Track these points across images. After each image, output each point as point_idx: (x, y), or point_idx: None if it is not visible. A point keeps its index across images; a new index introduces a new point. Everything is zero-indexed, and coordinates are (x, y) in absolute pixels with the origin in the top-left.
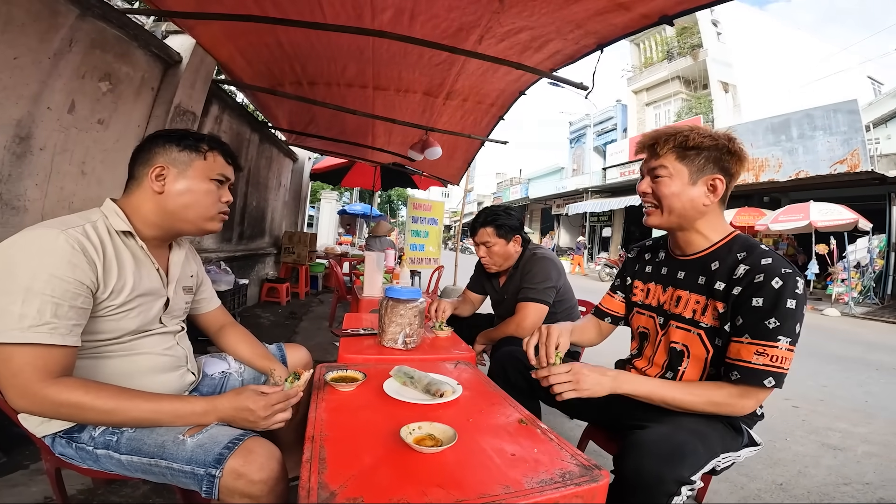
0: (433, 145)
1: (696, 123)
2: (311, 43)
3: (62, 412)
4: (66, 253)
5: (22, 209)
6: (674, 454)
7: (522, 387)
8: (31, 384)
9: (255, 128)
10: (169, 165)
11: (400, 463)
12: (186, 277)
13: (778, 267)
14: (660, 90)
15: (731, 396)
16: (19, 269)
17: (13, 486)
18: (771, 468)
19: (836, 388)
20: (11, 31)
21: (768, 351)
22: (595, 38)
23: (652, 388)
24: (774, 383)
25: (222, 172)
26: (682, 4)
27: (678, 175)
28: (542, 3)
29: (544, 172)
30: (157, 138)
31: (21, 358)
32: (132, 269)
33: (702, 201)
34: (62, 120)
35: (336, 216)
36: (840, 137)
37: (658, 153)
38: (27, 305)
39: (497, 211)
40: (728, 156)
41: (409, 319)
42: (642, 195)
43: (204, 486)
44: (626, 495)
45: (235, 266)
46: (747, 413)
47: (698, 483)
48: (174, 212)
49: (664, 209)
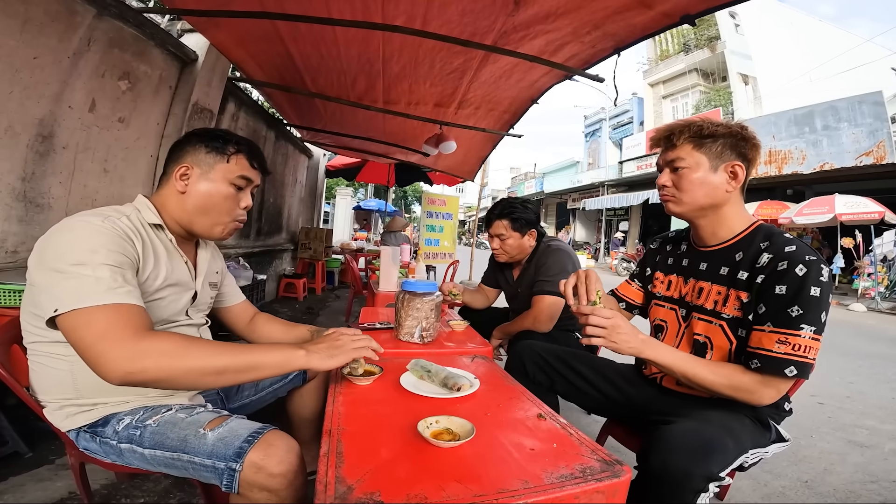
0: (448, 139)
1: (714, 116)
2: (320, 55)
3: (162, 365)
4: (113, 233)
5: (46, 206)
6: (702, 449)
7: (541, 381)
8: (125, 338)
9: (270, 125)
10: (194, 166)
11: (417, 457)
12: (212, 273)
13: (802, 254)
14: (677, 83)
15: (754, 383)
16: (78, 246)
17: (39, 481)
18: (796, 465)
19: (863, 385)
20: (30, 31)
21: (790, 339)
22: (613, 41)
23: (676, 359)
24: (797, 372)
25: (243, 175)
26: (707, 2)
27: (698, 164)
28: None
29: (559, 166)
30: (190, 137)
31: (106, 317)
32: (165, 258)
33: (724, 188)
34: (83, 118)
35: (351, 212)
36: (865, 129)
37: (675, 144)
38: (99, 272)
39: (514, 203)
40: (743, 142)
41: (426, 313)
42: (661, 188)
43: (224, 480)
44: (650, 491)
45: (253, 262)
46: (766, 403)
47: (726, 480)
48: (192, 213)
49: (687, 199)
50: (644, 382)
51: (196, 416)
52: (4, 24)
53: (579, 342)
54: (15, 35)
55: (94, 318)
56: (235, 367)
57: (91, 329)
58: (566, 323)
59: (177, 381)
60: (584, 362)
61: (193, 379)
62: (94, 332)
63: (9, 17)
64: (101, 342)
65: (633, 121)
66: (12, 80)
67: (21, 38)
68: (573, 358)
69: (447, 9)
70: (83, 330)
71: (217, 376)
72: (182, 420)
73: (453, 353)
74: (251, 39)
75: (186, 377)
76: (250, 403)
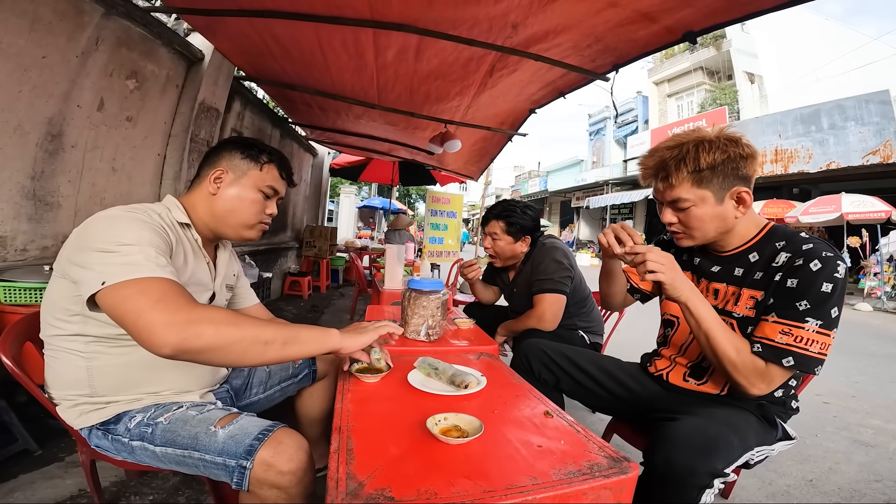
0: (453, 138)
1: (720, 115)
2: (315, 79)
3: (219, 331)
4: (153, 223)
5: (55, 205)
6: (707, 446)
7: (546, 379)
8: (180, 307)
9: (276, 123)
10: (228, 170)
11: (426, 454)
12: (230, 276)
13: (819, 250)
14: (682, 81)
15: (753, 361)
16: (123, 229)
17: (49, 479)
18: (801, 464)
19: (869, 384)
20: (39, 30)
21: (793, 331)
22: (613, 56)
23: (709, 316)
24: (794, 363)
25: (273, 185)
26: (711, 19)
27: (702, 200)
28: (564, 16)
29: (563, 165)
30: (227, 143)
31: (160, 287)
32: (191, 257)
33: (733, 214)
34: (92, 117)
35: (355, 210)
36: (872, 128)
37: (673, 184)
38: (147, 251)
39: (514, 207)
40: (742, 162)
41: (432, 311)
42: (668, 224)
43: (235, 477)
44: (655, 488)
45: (259, 260)
46: (757, 390)
47: (731, 477)
48: (220, 215)
49: (699, 234)
50: (649, 380)
51: (207, 413)
52: (13, 24)
53: (583, 340)
54: (24, 34)
55: (150, 287)
56: (282, 338)
57: (146, 297)
58: (570, 321)
59: (227, 350)
60: (590, 360)
61: (244, 348)
62: (149, 300)
63: (17, 16)
64: (155, 310)
65: (637, 119)
66: (21, 79)
67: (30, 37)
68: (578, 356)
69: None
70: (136, 299)
71: (264, 346)
72: (193, 417)
73: (460, 351)
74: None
75: (238, 345)
76: (259, 402)
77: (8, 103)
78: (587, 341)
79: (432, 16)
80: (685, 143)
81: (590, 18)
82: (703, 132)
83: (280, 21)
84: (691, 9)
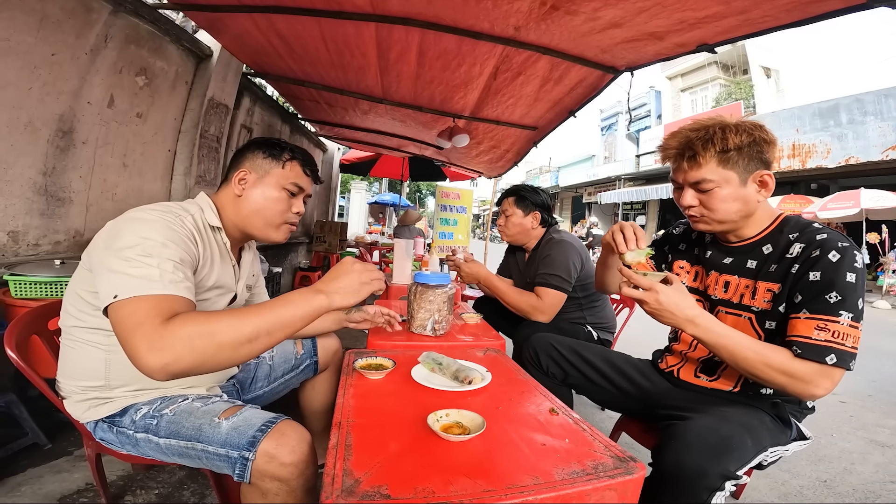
0: (461, 132)
1: (736, 110)
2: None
3: (197, 349)
4: (177, 233)
5: (67, 200)
6: (719, 447)
7: (554, 373)
8: (153, 327)
9: (285, 119)
10: (252, 171)
11: (426, 451)
12: (250, 277)
13: (835, 241)
14: (696, 76)
15: (812, 372)
16: (146, 238)
17: (57, 472)
18: (815, 464)
19: (886, 384)
20: (47, 28)
21: (829, 326)
22: (623, 63)
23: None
24: (836, 361)
25: (296, 182)
26: (722, 35)
27: (727, 182)
28: (566, 30)
29: (575, 160)
30: (251, 144)
31: (164, 304)
32: (218, 261)
33: (755, 199)
34: (102, 114)
35: (366, 206)
36: (892, 123)
37: (699, 163)
38: (164, 266)
39: (525, 186)
40: (766, 146)
41: (438, 305)
42: (687, 207)
43: (237, 469)
44: (664, 489)
45: (269, 255)
46: (821, 395)
47: (743, 478)
48: (246, 216)
49: (720, 216)
50: (659, 376)
51: (211, 405)
52: (22, 21)
53: (591, 336)
54: (33, 32)
55: (150, 305)
56: (266, 328)
57: (132, 319)
58: (575, 316)
59: (216, 361)
60: (599, 355)
61: (229, 354)
62: (132, 323)
63: (25, 14)
64: (136, 335)
65: (650, 114)
66: (31, 76)
67: (39, 34)
68: (587, 350)
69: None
70: (131, 318)
71: (251, 344)
72: (198, 409)
73: (466, 346)
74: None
75: (222, 353)
76: (264, 395)
77: (19, 100)
78: (595, 337)
79: (432, 11)
80: (710, 126)
81: (592, 36)
82: (725, 117)
83: (282, 17)
84: (700, 30)
